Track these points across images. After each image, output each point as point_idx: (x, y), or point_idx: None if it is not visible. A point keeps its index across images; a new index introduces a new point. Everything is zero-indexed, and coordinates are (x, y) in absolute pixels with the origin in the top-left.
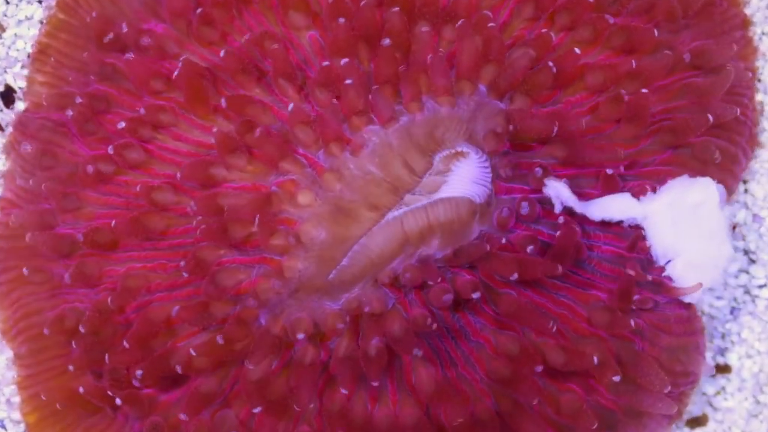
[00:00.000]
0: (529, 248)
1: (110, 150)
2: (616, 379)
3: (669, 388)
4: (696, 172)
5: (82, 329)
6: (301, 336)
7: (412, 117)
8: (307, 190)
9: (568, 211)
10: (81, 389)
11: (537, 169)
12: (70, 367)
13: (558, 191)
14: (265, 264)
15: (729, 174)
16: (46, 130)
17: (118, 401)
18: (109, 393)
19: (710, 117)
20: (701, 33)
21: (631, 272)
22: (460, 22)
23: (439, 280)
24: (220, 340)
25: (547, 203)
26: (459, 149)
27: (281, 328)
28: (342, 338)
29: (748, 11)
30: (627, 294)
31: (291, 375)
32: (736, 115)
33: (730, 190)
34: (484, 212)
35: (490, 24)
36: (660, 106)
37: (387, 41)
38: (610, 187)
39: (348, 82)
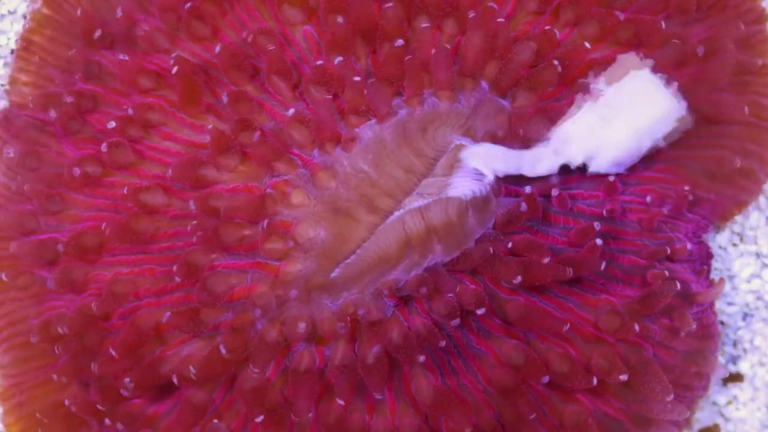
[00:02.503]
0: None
1: (104, 148)
2: (623, 378)
3: (672, 396)
4: (701, 187)
5: (60, 330)
6: (302, 326)
7: (411, 111)
8: (299, 189)
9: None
10: (66, 402)
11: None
12: (55, 377)
13: (481, 157)
14: (259, 269)
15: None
16: (31, 128)
17: (107, 421)
18: (98, 405)
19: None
20: (714, 26)
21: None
22: (471, 14)
23: (450, 294)
24: (222, 349)
25: (556, 209)
26: (456, 142)
27: (278, 332)
28: (339, 345)
29: (765, 4)
30: (650, 302)
31: (287, 383)
32: (746, 116)
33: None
34: (480, 209)
35: (500, 19)
36: None
37: (400, 42)
38: (611, 191)
39: (350, 80)
